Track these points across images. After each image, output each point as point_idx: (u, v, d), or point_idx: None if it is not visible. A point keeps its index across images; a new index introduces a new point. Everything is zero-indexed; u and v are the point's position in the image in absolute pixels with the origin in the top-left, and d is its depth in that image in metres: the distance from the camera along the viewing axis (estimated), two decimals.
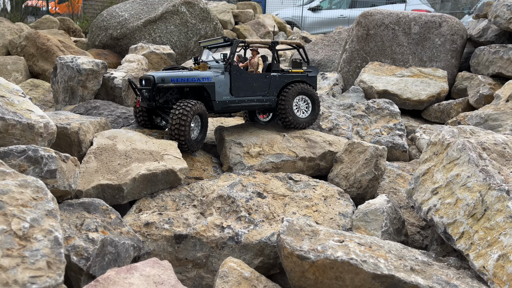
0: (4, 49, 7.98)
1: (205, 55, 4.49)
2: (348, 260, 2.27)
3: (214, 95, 3.85)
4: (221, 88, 3.87)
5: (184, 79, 3.76)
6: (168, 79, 3.72)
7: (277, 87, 4.15)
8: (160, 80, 3.70)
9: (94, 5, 26.74)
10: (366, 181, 3.52)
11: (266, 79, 4.08)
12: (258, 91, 4.06)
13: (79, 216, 2.52)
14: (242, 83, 3.97)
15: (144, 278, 2.26)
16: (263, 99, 4.09)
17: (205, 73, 3.84)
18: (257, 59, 4.24)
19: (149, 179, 3.14)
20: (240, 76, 3.94)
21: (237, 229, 2.92)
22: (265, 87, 4.08)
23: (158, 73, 3.84)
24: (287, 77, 4.22)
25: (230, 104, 3.93)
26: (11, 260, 1.72)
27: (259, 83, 4.05)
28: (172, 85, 3.71)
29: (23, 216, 1.91)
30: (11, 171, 2.11)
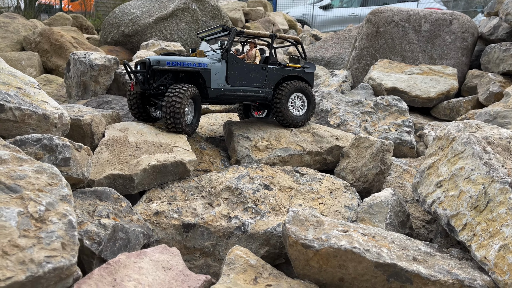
0: (19, 45, 8.16)
1: (202, 46, 4.49)
2: (351, 248, 2.32)
3: (209, 82, 3.81)
4: (217, 75, 3.84)
5: (180, 63, 3.73)
6: (164, 62, 3.70)
7: (273, 80, 4.13)
8: (156, 62, 3.67)
9: (106, 3, 27.04)
10: (372, 175, 3.56)
11: (263, 71, 4.05)
12: (254, 82, 4.03)
13: (92, 203, 2.62)
14: (238, 72, 3.94)
15: (153, 263, 2.34)
16: (259, 91, 4.05)
17: (201, 59, 3.83)
18: (255, 51, 4.23)
19: (159, 170, 3.23)
20: (236, 65, 3.91)
21: (244, 219, 2.99)
22: (262, 79, 4.06)
23: (154, 56, 3.81)
24: (284, 71, 4.20)
25: (225, 92, 3.90)
26: (28, 240, 1.81)
27: (255, 74, 4.02)
28: (167, 68, 3.67)
29: (39, 200, 2.00)
30: (27, 158, 2.21)
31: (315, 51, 10.52)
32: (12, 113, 2.58)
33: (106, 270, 2.13)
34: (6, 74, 2.98)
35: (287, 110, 4.08)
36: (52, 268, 1.79)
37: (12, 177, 2.03)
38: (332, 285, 2.44)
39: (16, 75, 3.08)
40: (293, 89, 4.13)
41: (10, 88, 2.77)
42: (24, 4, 24.70)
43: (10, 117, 2.58)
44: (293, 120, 4.14)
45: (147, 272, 2.24)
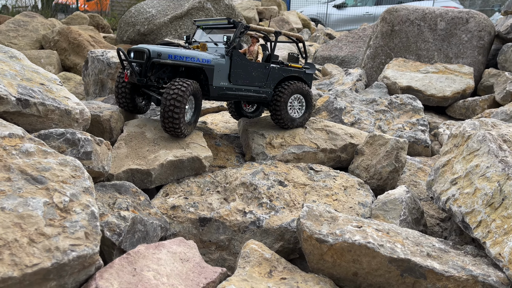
0: (38, 43, 8.34)
1: (198, 35, 4.18)
2: (365, 243, 2.35)
3: (211, 79, 3.60)
4: (220, 72, 3.64)
5: (182, 58, 3.46)
6: (165, 55, 3.41)
7: (274, 79, 3.97)
8: (156, 54, 3.39)
9: (121, 2, 27.38)
10: (386, 173, 3.57)
11: (265, 70, 3.88)
12: (256, 81, 3.86)
13: (111, 196, 2.69)
14: (242, 71, 3.75)
15: (171, 254, 2.40)
16: (260, 91, 3.90)
17: (205, 55, 3.58)
18: (257, 48, 4.01)
19: (175, 166, 3.30)
20: (240, 62, 3.71)
21: (258, 214, 3.04)
22: (263, 78, 3.90)
23: (153, 46, 3.51)
24: (286, 71, 4.04)
25: (227, 91, 3.72)
26: (53, 229, 1.89)
27: (258, 73, 3.85)
28: (169, 62, 3.40)
29: (63, 191, 2.08)
30: (52, 151, 2.29)
31: (329, 50, 10.50)
32: (36, 108, 2.67)
33: (126, 260, 2.20)
34: (29, 70, 3.08)
35: (286, 112, 3.97)
36: (76, 256, 1.86)
37: (38, 169, 2.11)
38: (346, 279, 2.47)
39: (39, 71, 3.18)
40: (293, 91, 3.98)
41: (34, 84, 2.86)
42: (41, 3, 25.19)
43: (34, 112, 2.67)
44: (290, 122, 4.03)
45: (165, 263, 2.30)
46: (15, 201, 1.88)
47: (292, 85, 3.98)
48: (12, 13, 21.48)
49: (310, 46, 12.58)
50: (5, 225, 1.76)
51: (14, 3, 24.33)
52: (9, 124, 2.29)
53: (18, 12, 21.71)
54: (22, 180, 2.01)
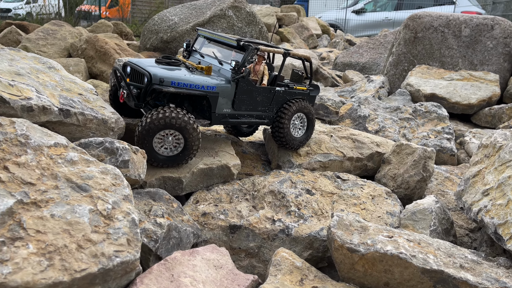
0: (66, 51, 8.60)
1: (199, 43, 3.92)
2: (397, 254, 2.37)
3: (215, 107, 3.36)
4: (224, 99, 3.40)
5: (187, 85, 3.19)
6: (168, 81, 3.12)
7: (278, 103, 3.75)
8: (158, 80, 3.09)
9: (142, 9, 27.93)
10: (414, 182, 3.57)
11: (270, 94, 3.65)
12: (260, 106, 3.64)
13: (147, 203, 2.78)
14: (247, 97, 3.52)
15: (205, 261, 2.47)
16: (262, 115, 3.68)
17: (210, 81, 3.30)
18: (263, 68, 3.75)
19: (205, 173, 3.37)
20: (246, 88, 3.48)
21: (287, 223, 3.08)
22: (267, 103, 3.67)
23: (155, 68, 3.20)
24: (290, 94, 3.81)
25: (229, 118, 3.48)
26: (99, 235, 1.97)
27: (262, 98, 3.62)
28: (171, 90, 3.11)
29: (106, 199, 2.17)
30: (93, 160, 2.39)
31: (349, 56, 10.50)
32: (76, 118, 2.79)
33: (164, 266, 2.27)
34: (68, 81, 3.21)
35: (288, 132, 3.77)
36: (120, 262, 1.94)
37: (82, 177, 2.21)
38: None
39: (76, 82, 3.31)
40: (296, 110, 3.78)
41: (73, 94, 2.99)
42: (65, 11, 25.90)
43: (74, 121, 2.79)
44: (292, 141, 3.83)
45: (200, 269, 2.37)
46: (63, 208, 1.97)
47: (294, 104, 3.76)
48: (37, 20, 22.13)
49: (330, 52, 12.59)
50: (55, 231, 1.86)
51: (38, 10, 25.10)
52: (53, 134, 2.40)
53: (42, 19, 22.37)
54: (68, 188, 2.11)
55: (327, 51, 13.00)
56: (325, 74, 8.65)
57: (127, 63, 3.35)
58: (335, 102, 5.87)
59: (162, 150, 3.15)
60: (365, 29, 20.31)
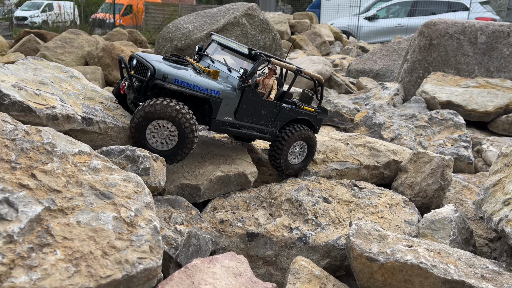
0: (83, 59, 8.76)
1: (211, 48, 3.84)
2: (418, 263, 2.36)
3: (216, 113, 3.25)
4: (227, 107, 3.29)
5: (190, 85, 3.08)
6: (172, 78, 3.02)
7: (283, 120, 3.63)
8: (162, 76, 2.99)
9: (155, 17, 28.29)
10: (431, 191, 3.55)
11: (275, 110, 3.54)
12: (263, 120, 3.52)
13: (166, 210, 2.82)
14: (251, 108, 3.41)
15: (224, 268, 2.48)
16: (264, 130, 3.56)
17: (215, 85, 3.20)
18: (272, 82, 3.66)
19: (223, 181, 3.40)
20: (251, 99, 3.38)
21: (304, 231, 3.09)
22: (272, 118, 3.56)
23: (160, 63, 3.10)
24: (296, 113, 3.69)
25: (230, 127, 3.37)
26: (122, 242, 2.01)
27: (267, 112, 3.51)
28: (174, 87, 3.01)
29: (128, 206, 2.21)
30: (116, 168, 2.44)
31: (363, 63, 10.48)
32: (98, 126, 2.85)
33: (185, 273, 2.30)
34: (89, 90, 3.28)
35: (285, 157, 3.67)
36: (143, 269, 1.97)
37: (105, 184, 2.25)
38: None
39: (97, 90, 3.38)
40: (298, 138, 3.65)
41: (95, 103, 3.05)
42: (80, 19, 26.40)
43: (96, 129, 2.85)
44: (287, 167, 3.73)
45: (219, 277, 2.39)
46: (88, 216, 2.01)
47: (298, 131, 3.63)
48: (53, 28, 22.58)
49: (343, 59, 12.58)
50: (81, 238, 1.90)
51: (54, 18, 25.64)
52: (77, 142, 2.45)
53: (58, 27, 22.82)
54: (93, 195, 2.15)
55: (340, 58, 13.00)
56: (338, 81, 8.64)
57: (134, 56, 3.28)
58: (350, 110, 5.87)
59: (156, 144, 3.00)
60: (378, 35, 20.25)
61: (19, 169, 2.03)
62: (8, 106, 2.40)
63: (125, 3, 29.67)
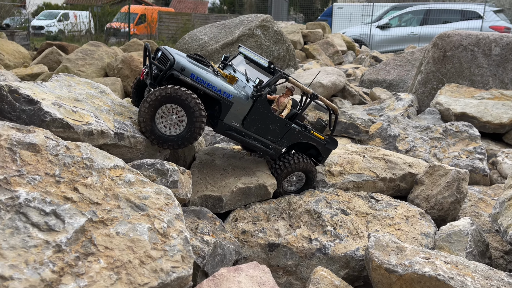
0: (103, 70, 9.03)
1: (237, 60, 3.95)
2: (436, 275, 2.45)
3: (224, 115, 3.33)
4: (236, 112, 3.35)
5: (204, 82, 3.19)
6: (188, 72, 3.15)
7: (290, 140, 3.66)
8: (180, 68, 3.13)
9: (169, 26, 28.76)
10: (447, 204, 3.63)
11: (284, 128, 3.58)
12: (269, 135, 3.56)
13: (192, 221, 2.96)
14: (260, 119, 3.46)
15: (249, 278, 2.61)
16: (269, 145, 3.60)
17: (229, 88, 3.28)
18: (287, 101, 3.72)
19: (244, 192, 3.54)
20: (262, 110, 3.43)
21: (324, 242, 3.20)
22: (279, 135, 3.59)
23: (181, 57, 3.26)
24: (305, 137, 3.72)
25: (235, 132, 3.44)
26: (157, 252, 2.15)
27: (275, 128, 3.55)
28: (188, 80, 3.13)
29: (161, 218, 2.35)
30: (148, 181, 2.59)
31: (376, 73, 10.57)
32: (129, 140, 3.01)
33: (213, 282, 2.43)
34: (118, 105, 3.46)
35: (279, 182, 3.72)
36: (176, 277, 2.11)
37: (139, 197, 2.41)
38: None
39: (125, 105, 3.56)
40: (298, 168, 3.70)
41: (125, 118, 3.22)
42: (95, 28, 26.99)
43: (126, 143, 3.01)
44: (282, 192, 3.80)
45: (245, 286, 2.51)
46: (126, 227, 2.16)
47: (300, 163, 3.68)
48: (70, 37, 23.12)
49: (356, 69, 12.68)
50: (120, 248, 2.05)
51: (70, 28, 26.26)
52: (112, 156, 2.62)
53: (73, 36, 23.35)
54: (128, 207, 2.30)
55: (352, 67, 13.10)
56: (352, 91, 8.74)
57: (160, 48, 3.42)
58: (365, 121, 5.97)
59: (165, 129, 3.10)
60: (390, 44, 20.28)
61: (63, 183, 2.19)
62: (49, 123, 2.58)
63: (139, 13, 30.26)
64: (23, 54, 10.39)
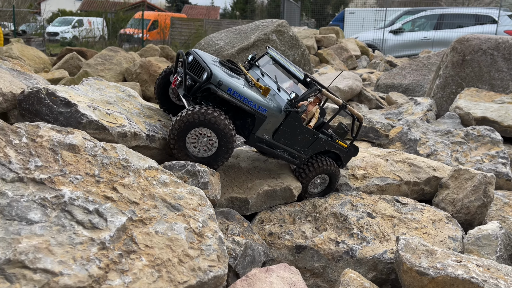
0: (121, 75, 9.17)
1: (263, 60, 3.90)
2: (469, 278, 2.44)
3: (257, 129, 3.29)
4: (268, 125, 3.32)
5: (241, 97, 3.12)
6: (226, 86, 3.06)
7: (315, 149, 3.67)
8: (217, 82, 3.03)
9: (181, 31, 29.04)
10: (474, 208, 3.61)
11: (311, 138, 3.58)
12: (297, 145, 3.56)
13: (222, 222, 2.99)
14: (290, 131, 3.45)
15: (280, 278, 2.63)
16: (295, 155, 3.61)
17: (263, 102, 3.22)
18: (315, 110, 3.68)
19: (269, 194, 3.56)
20: (293, 124, 3.41)
21: (351, 245, 3.20)
22: (305, 145, 3.60)
23: (217, 68, 3.18)
24: (330, 145, 3.73)
25: (265, 145, 3.42)
26: (194, 251, 2.19)
27: (303, 139, 3.54)
28: (225, 96, 3.06)
29: (196, 218, 2.39)
30: (181, 182, 2.63)
31: (392, 77, 10.54)
32: (159, 142, 3.07)
33: (246, 282, 2.45)
34: (147, 108, 3.52)
35: (305, 186, 3.75)
36: (213, 276, 2.14)
37: (174, 197, 2.45)
38: None
39: (152, 108, 3.62)
40: (323, 171, 3.71)
41: (155, 121, 3.28)
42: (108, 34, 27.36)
43: (157, 145, 3.07)
44: (306, 195, 3.80)
45: (276, 286, 2.53)
46: (164, 226, 2.21)
47: (323, 165, 3.68)
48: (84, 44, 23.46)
49: (370, 74, 12.66)
50: (160, 246, 2.09)
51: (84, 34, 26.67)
52: (146, 157, 2.67)
53: (87, 42, 23.73)
54: (165, 207, 2.35)
55: (367, 72, 13.08)
56: (369, 96, 8.73)
57: (191, 52, 3.32)
58: (384, 125, 5.96)
59: (196, 152, 3.06)
60: (403, 49, 20.19)
61: (102, 183, 2.25)
62: (85, 125, 2.64)
63: (152, 19, 30.62)
64: (43, 60, 10.60)
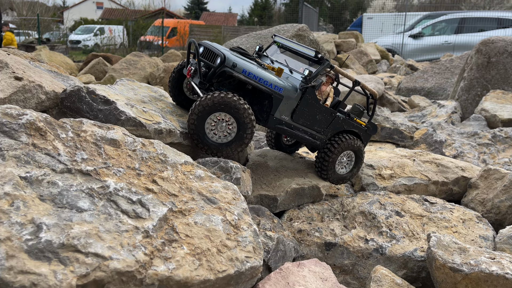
0: (145, 79, 9.38)
1: (271, 50, 3.88)
2: (503, 274, 2.43)
3: (275, 109, 3.28)
4: (286, 105, 3.30)
5: (256, 77, 3.13)
6: (240, 68, 3.08)
7: (334, 129, 3.62)
8: (231, 64, 3.05)
9: (200, 38, 29.44)
10: (505, 208, 3.57)
11: (330, 117, 3.55)
12: (316, 126, 3.52)
13: (253, 217, 3.05)
14: (308, 110, 3.42)
15: (312, 273, 2.66)
16: (316, 136, 3.56)
17: (279, 82, 3.23)
18: (329, 89, 3.69)
19: (297, 193, 3.60)
20: (310, 102, 3.38)
21: (380, 242, 3.21)
22: (325, 125, 3.56)
23: (229, 53, 3.18)
24: (348, 124, 3.69)
25: (285, 126, 3.39)
26: (231, 242, 2.25)
27: (322, 118, 3.51)
28: (241, 77, 3.08)
29: (231, 210, 2.45)
30: (215, 177, 2.71)
31: (414, 81, 10.48)
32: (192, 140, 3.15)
33: (280, 274, 2.50)
34: (178, 108, 3.62)
35: (333, 166, 3.69)
36: (250, 267, 2.19)
37: (210, 191, 2.52)
38: None
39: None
40: (347, 147, 3.65)
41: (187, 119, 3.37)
42: (128, 41, 27.91)
43: (190, 143, 3.15)
44: (334, 176, 3.75)
45: (309, 280, 2.57)
46: (202, 217, 2.28)
47: (348, 141, 3.64)
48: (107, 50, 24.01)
49: (391, 78, 12.59)
50: (199, 236, 2.15)
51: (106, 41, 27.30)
52: (181, 153, 2.75)
53: (108, 49, 24.28)
54: (201, 200, 2.42)
55: (388, 76, 13.01)
56: (391, 99, 8.70)
57: (202, 43, 3.35)
58: (409, 127, 5.94)
59: (215, 138, 3.06)
60: (423, 53, 20.01)
61: (143, 176, 2.34)
62: (124, 122, 2.75)
63: (171, 26, 31.12)
64: (70, 65, 10.93)
